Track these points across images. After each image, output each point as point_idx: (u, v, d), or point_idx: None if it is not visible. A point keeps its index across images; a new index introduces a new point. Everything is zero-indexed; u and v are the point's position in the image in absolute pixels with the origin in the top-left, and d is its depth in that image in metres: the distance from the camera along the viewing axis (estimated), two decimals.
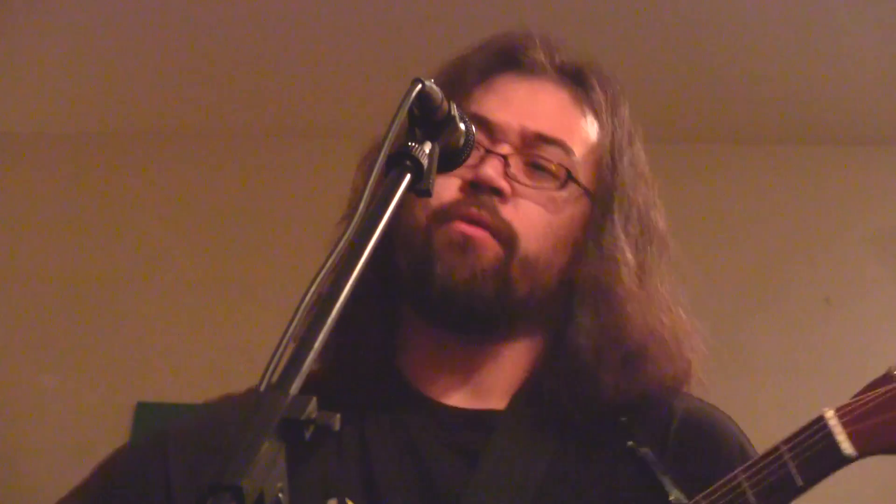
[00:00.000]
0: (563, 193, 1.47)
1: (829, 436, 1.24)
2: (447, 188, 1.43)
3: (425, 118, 1.22)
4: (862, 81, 3.96)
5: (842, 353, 4.02)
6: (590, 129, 1.52)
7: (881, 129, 4.20)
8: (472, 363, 1.49)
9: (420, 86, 1.19)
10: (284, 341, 0.97)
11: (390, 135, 1.14)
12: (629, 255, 1.48)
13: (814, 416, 1.27)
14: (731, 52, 3.84)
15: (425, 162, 1.17)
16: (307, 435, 0.91)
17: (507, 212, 1.43)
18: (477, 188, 1.43)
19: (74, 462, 4.17)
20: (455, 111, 1.25)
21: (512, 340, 1.49)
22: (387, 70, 3.79)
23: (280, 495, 0.89)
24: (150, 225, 4.45)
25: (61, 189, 4.54)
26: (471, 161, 1.38)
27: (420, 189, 1.16)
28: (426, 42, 3.78)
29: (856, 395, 1.27)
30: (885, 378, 1.26)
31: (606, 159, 1.52)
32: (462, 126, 1.27)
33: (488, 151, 1.44)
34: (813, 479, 1.26)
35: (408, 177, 1.15)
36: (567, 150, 1.48)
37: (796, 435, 1.27)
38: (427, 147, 1.18)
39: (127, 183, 4.53)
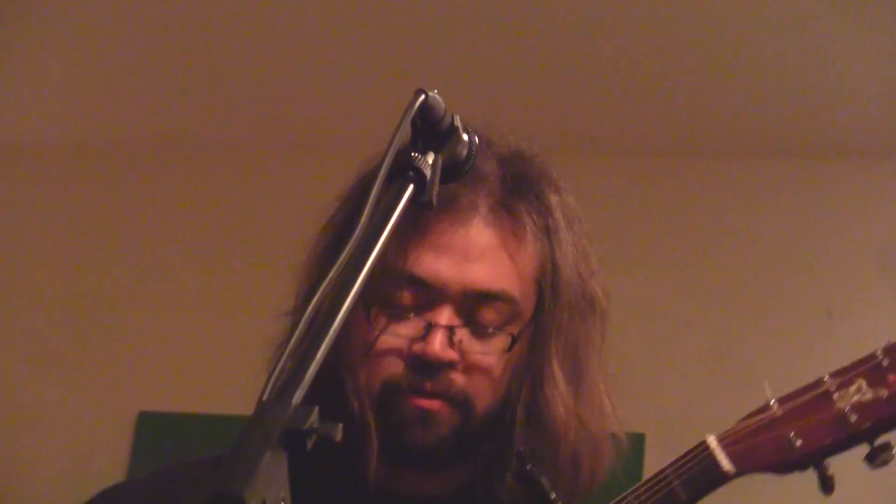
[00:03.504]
0: (511, 352, 1.45)
1: (711, 455, 1.38)
2: (392, 362, 1.42)
3: (428, 129, 1.22)
4: (865, 94, 3.96)
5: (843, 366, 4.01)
6: (527, 258, 1.47)
7: (884, 141, 4.20)
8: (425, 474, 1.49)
9: (423, 97, 1.19)
10: (286, 353, 0.98)
11: (392, 146, 1.14)
12: (558, 375, 1.45)
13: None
14: (734, 65, 3.85)
15: (428, 173, 1.17)
16: (309, 445, 0.91)
17: (459, 380, 1.42)
18: (426, 363, 1.40)
19: (76, 472, 4.18)
20: (458, 122, 1.25)
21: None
22: (387, 83, 3.80)
23: None
24: (150, 235, 4.46)
25: (62, 200, 4.55)
26: (412, 329, 1.40)
27: (423, 201, 1.16)
28: (427, 53, 3.80)
29: (737, 423, 1.42)
30: (762, 408, 1.41)
31: (546, 279, 1.47)
32: (465, 137, 1.28)
33: (431, 325, 1.41)
34: (695, 495, 1.38)
35: (410, 188, 1.15)
36: (510, 299, 1.44)
37: (681, 458, 1.39)
38: (430, 158, 1.18)
39: (128, 194, 4.53)
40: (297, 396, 0.94)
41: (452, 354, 1.41)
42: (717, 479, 1.37)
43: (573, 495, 1.46)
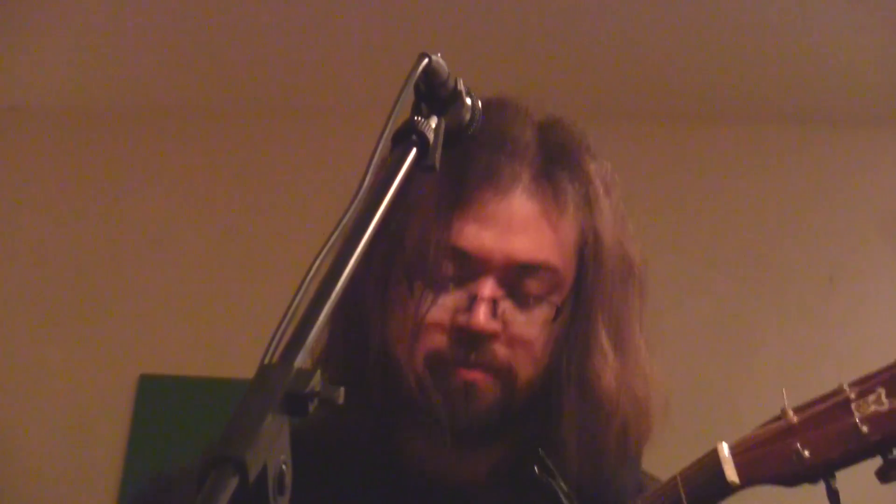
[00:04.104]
0: (554, 321, 1.45)
1: (717, 465, 1.33)
2: (436, 334, 1.42)
3: (431, 93, 1.21)
4: (867, 61, 3.96)
5: (845, 332, 4.02)
6: (568, 227, 1.48)
7: (887, 108, 4.19)
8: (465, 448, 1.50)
9: (427, 60, 1.19)
10: (288, 316, 0.98)
11: (395, 110, 1.14)
12: (606, 345, 1.47)
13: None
14: (735, 31, 3.84)
15: (431, 137, 1.16)
16: (311, 408, 0.91)
17: (503, 351, 1.42)
18: (470, 335, 1.41)
19: (77, 434, 4.19)
20: (461, 86, 1.25)
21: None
22: (393, 46, 3.79)
23: (284, 467, 0.89)
24: (154, 198, 4.46)
25: (65, 162, 4.54)
26: (456, 301, 1.40)
27: (426, 164, 1.16)
28: (433, 16, 3.78)
29: (753, 430, 1.36)
30: (777, 417, 1.34)
31: (588, 249, 1.48)
32: (468, 101, 1.27)
33: (475, 296, 1.41)
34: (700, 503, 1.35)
35: (414, 151, 1.15)
36: (553, 269, 1.44)
37: (692, 465, 1.35)
38: (433, 122, 1.18)
39: (131, 157, 4.53)
40: (299, 359, 0.94)
41: (496, 326, 1.41)
42: (723, 490, 1.33)
43: (620, 463, 1.47)
